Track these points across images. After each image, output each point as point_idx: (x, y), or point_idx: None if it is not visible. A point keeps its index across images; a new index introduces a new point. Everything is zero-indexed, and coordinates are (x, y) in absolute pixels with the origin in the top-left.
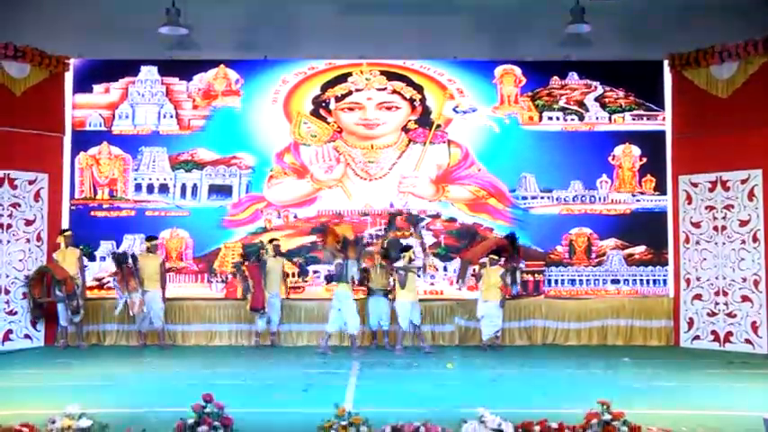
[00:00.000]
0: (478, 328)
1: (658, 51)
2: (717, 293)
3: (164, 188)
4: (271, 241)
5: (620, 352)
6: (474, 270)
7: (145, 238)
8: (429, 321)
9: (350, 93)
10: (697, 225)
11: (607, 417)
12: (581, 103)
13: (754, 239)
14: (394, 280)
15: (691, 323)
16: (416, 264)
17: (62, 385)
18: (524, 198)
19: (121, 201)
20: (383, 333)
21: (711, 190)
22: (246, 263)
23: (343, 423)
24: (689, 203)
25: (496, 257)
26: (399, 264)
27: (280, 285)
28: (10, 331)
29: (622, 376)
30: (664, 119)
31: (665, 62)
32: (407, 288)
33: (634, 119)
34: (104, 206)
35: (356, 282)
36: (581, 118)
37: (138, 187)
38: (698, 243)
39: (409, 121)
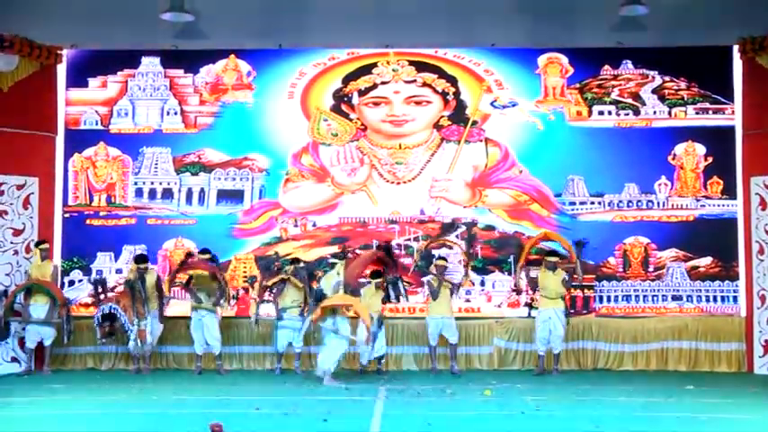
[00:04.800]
0: (519, 350)
1: (727, 35)
2: None
3: (167, 193)
4: (136, 261)
5: (683, 379)
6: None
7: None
8: (464, 342)
9: (375, 86)
10: None
11: None
12: (637, 96)
13: None
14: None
15: (766, 346)
16: (454, 278)
17: (58, 414)
18: (572, 203)
19: (120, 208)
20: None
21: None
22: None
23: None
24: (762, 209)
25: (379, 281)
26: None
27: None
28: None
29: (686, 407)
30: (733, 112)
31: (735, 47)
32: (440, 301)
33: (698, 113)
34: (101, 214)
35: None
36: (637, 112)
37: (138, 192)
38: None
39: (441, 117)
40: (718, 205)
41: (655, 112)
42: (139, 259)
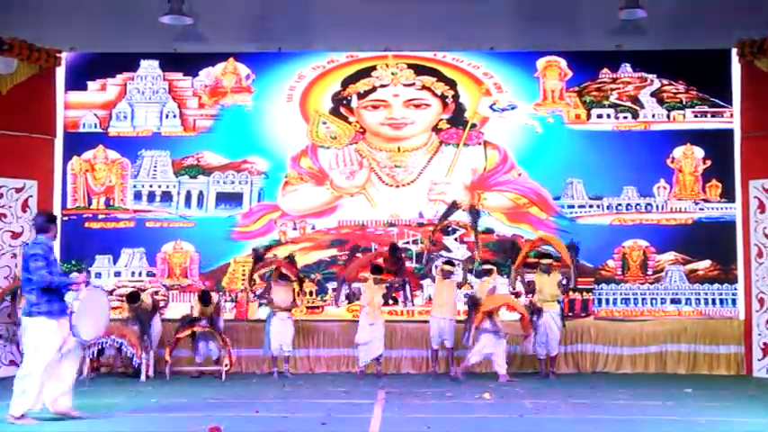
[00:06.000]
0: (518, 353)
1: (725, 38)
2: None
3: (166, 196)
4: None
5: (681, 382)
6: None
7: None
8: (463, 345)
9: (374, 89)
10: None
11: None
12: (635, 99)
13: None
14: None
15: (765, 349)
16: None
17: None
18: (571, 206)
19: (119, 211)
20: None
21: None
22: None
23: None
24: (761, 212)
25: (378, 276)
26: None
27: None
28: None
29: (684, 410)
30: (731, 116)
31: (734, 50)
32: (440, 301)
33: (696, 116)
34: (100, 217)
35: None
36: (635, 115)
37: (137, 195)
38: None
39: (440, 120)
40: (717, 208)
41: (653, 116)
42: (133, 299)
